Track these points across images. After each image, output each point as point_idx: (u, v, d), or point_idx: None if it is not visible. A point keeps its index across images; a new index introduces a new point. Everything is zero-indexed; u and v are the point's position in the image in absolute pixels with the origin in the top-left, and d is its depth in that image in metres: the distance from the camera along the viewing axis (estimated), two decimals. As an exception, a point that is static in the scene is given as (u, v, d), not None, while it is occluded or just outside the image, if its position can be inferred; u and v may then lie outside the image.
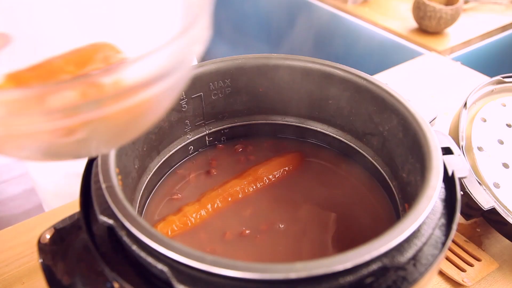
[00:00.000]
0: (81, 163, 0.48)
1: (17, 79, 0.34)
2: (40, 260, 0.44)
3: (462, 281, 0.65)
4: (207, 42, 0.36)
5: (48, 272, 0.44)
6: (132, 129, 0.36)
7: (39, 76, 0.35)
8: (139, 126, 0.36)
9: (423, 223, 0.41)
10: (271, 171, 0.61)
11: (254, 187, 0.59)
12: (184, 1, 0.40)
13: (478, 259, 0.69)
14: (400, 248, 0.39)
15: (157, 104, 0.34)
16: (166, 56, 0.30)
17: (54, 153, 0.34)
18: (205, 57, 0.52)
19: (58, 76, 0.35)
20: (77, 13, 0.44)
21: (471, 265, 0.68)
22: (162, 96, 0.33)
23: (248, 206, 0.58)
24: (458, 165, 0.49)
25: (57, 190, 1.01)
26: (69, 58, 0.37)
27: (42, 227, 0.75)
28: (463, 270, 0.67)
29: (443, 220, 0.44)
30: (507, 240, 0.68)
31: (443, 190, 0.47)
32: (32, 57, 0.37)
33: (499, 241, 0.72)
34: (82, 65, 0.36)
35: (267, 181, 0.60)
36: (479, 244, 0.71)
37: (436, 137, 0.48)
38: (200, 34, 0.34)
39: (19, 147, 0.31)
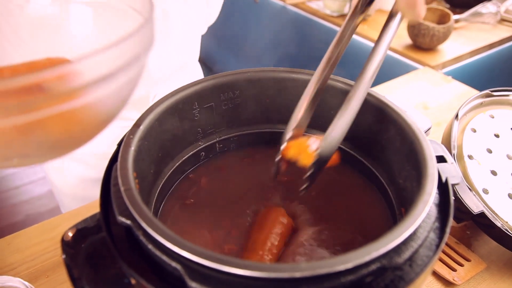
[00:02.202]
0: (98, 170, 0.48)
1: None
2: (63, 256, 0.44)
3: (453, 280, 0.65)
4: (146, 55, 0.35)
5: (70, 267, 0.43)
6: (68, 141, 0.35)
7: None
8: (75, 139, 0.35)
9: (419, 226, 0.41)
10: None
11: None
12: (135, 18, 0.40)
13: (467, 260, 0.68)
14: (397, 249, 0.39)
15: (100, 110, 0.33)
16: (110, 57, 0.29)
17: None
18: (217, 70, 0.52)
19: None
20: (36, 26, 0.43)
21: (461, 265, 0.67)
22: (105, 101, 0.32)
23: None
24: (451, 173, 0.49)
25: (73, 194, 1.01)
26: (20, 69, 0.36)
27: (65, 225, 0.76)
28: (453, 270, 0.67)
29: (437, 224, 0.44)
30: (494, 242, 0.68)
31: (437, 195, 0.47)
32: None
33: (487, 243, 0.72)
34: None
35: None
36: (468, 245, 0.71)
37: (431, 146, 0.48)
38: (143, 40, 0.33)
39: None
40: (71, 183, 0.99)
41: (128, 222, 0.40)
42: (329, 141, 0.49)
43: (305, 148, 0.52)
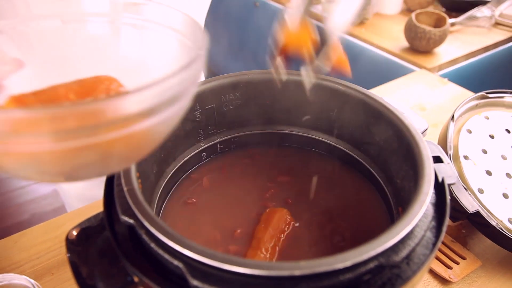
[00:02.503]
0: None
1: (20, 101, 0.33)
2: (68, 255, 0.44)
3: (449, 277, 0.65)
4: (199, 83, 0.35)
5: (75, 266, 0.43)
6: (124, 158, 0.35)
7: (41, 100, 0.34)
8: (132, 156, 0.35)
9: (416, 225, 0.40)
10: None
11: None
12: (184, 44, 0.40)
13: (463, 258, 0.68)
14: (395, 248, 0.38)
15: (150, 137, 0.33)
16: (163, 90, 0.29)
17: (48, 173, 0.33)
18: (218, 72, 0.52)
19: (59, 102, 0.34)
20: (86, 46, 0.44)
21: (457, 263, 0.67)
22: (156, 129, 0.32)
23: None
24: (447, 173, 0.48)
25: (80, 194, 1.00)
26: (72, 87, 0.36)
27: (69, 224, 0.75)
28: (449, 268, 0.66)
29: (433, 223, 0.44)
30: (489, 240, 0.68)
31: (433, 195, 0.46)
32: (39, 83, 0.36)
33: (482, 241, 0.72)
34: (84, 94, 0.35)
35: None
36: (464, 244, 0.71)
37: (427, 147, 0.48)
38: (195, 74, 0.33)
39: (18, 166, 0.31)
40: (77, 185, 0.99)
41: (131, 221, 0.40)
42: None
43: (306, 33, 0.47)
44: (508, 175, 0.68)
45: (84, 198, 0.98)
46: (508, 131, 0.73)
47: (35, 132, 0.26)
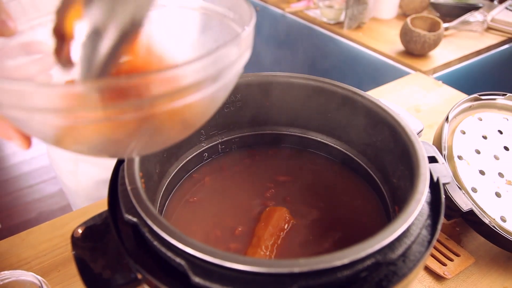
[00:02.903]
0: (111, 171, 0.48)
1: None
2: (73, 252, 0.44)
3: (443, 274, 0.65)
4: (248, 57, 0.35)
5: (80, 263, 0.43)
6: (178, 131, 0.35)
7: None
8: (184, 129, 0.36)
9: (412, 224, 0.40)
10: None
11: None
12: (229, 22, 0.40)
13: (457, 255, 0.68)
14: (391, 246, 0.38)
15: (200, 110, 0.33)
16: (213, 61, 0.29)
17: (110, 149, 0.33)
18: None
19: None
20: None
21: (451, 259, 0.67)
22: (206, 102, 0.33)
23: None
24: (442, 172, 0.48)
25: (87, 194, 1.00)
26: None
27: (75, 222, 0.75)
28: (444, 264, 0.66)
29: (429, 221, 0.43)
30: (482, 238, 0.68)
31: (429, 194, 0.46)
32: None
33: (475, 238, 0.72)
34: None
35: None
36: (458, 241, 0.71)
37: (423, 148, 0.47)
38: (244, 46, 0.34)
39: (77, 139, 0.31)
40: (85, 184, 0.99)
41: (135, 219, 0.40)
42: None
43: None
44: (500, 174, 0.68)
45: (91, 198, 0.97)
46: (501, 132, 0.73)
47: (96, 105, 0.26)
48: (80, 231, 0.45)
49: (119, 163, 0.49)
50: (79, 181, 0.99)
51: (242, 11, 0.38)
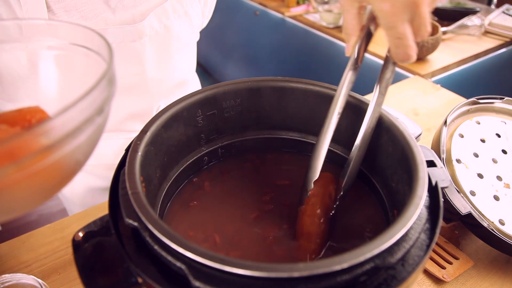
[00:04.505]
0: (106, 179, 0.47)
1: None
2: (74, 255, 0.44)
3: (442, 277, 0.65)
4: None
5: (81, 267, 0.43)
6: (43, 191, 0.33)
7: None
8: (53, 185, 0.34)
9: (411, 228, 0.40)
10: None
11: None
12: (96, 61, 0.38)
13: (456, 258, 0.68)
14: (390, 250, 0.38)
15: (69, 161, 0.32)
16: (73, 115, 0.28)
17: None
18: (219, 79, 0.51)
19: None
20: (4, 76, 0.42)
21: (450, 263, 0.67)
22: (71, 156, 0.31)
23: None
24: (440, 176, 0.48)
25: (82, 203, 0.99)
26: None
27: (75, 225, 0.75)
28: (443, 267, 0.66)
29: (427, 225, 0.43)
30: (481, 241, 0.68)
31: (427, 198, 0.46)
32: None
33: (474, 242, 0.72)
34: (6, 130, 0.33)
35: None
36: (457, 244, 0.71)
37: (421, 152, 0.47)
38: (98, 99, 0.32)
39: None
40: (80, 193, 0.98)
41: (135, 224, 0.40)
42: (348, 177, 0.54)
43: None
44: (498, 178, 0.68)
45: (86, 205, 0.97)
46: (499, 136, 0.73)
47: None
48: (81, 234, 0.45)
49: (120, 167, 0.49)
50: (74, 189, 0.98)
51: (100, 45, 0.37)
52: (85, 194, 0.98)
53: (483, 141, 0.72)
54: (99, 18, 0.74)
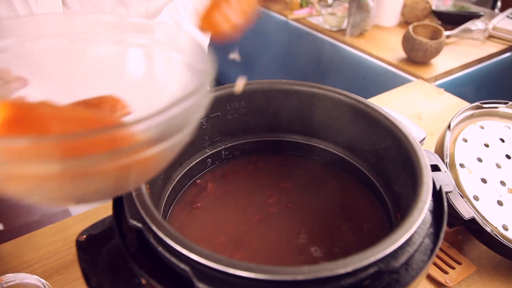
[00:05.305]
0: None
1: (19, 121, 0.31)
2: (78, 256, 0.44)
3: (445, 282, 0.65)
4: (206, 109, 0.35)
5: (84, 267, 0.43)
6: (130, 183, 0.34)
7: (45, 122, 0.31)
8: (137, 180, 0.35)
9: (415, 232, 0.40)
10: None
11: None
12: (190, 67, 0.39)
13: (459, 263, 0.68)
14: (394, 254, 0.38)
15: (155, 162, 0.33)
16: (171, 116, 0.29)
17: (56, 198, 0.32)
18: (223, 81, 0.51)
19: (65, 126, 0.32)
20: (93, 65, 0.43)
21: (453, 268, 0.67)
22: (161, 156, 0.32)
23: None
24: (444, 181, 0.48)
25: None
26: (76, 109, 0.35)
27: (78, 226, 0.75)
28: (445, 272, 0.66)
29: (431, 230, 0.43)
30: (484, 246, 0.68)
31: (431, 203, 0.46)
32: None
33: (477, 247, 0.71)
34: (89, 120, 0.33)
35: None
36: (460, 249, 0.70)
37: (426, 156, 0.47)
38: (202, 100, 0.33)
39: (25, 192, 0.30)
40: None
41: (139, 225, 0.40)
42: None
43: None
44: (502, 183, 0.68)
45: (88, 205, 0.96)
46: (502, 140, 0.73)
47: (41, 160, 0.26)
48: (84, 236, 0.45)
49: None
50: None
51: (202, 61, 0.37)
52: None
53: (487, 145, 0.72)
54: (113, 13, 0.74)
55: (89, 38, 0.41)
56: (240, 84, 0.50)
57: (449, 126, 0.71)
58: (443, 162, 0.67)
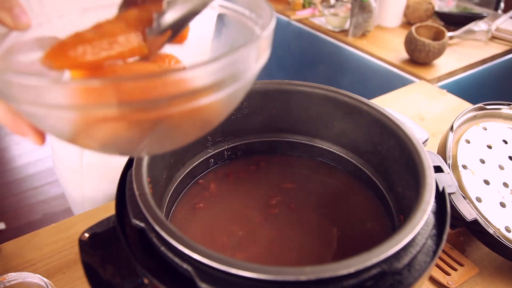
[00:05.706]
0: (115, 183, 0.47)
1: (81, 38, 0.31)
2: (80, 256, 0.44)
3: (447, 283, 0.64)
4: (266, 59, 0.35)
5: (87, 266, 0.43)
6: (190, 133, 0.35)
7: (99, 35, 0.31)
8: (197, 130, 0.35)
9: (418, 233, 0.40)
10: None
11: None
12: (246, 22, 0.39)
13: (461, 264, 0.68)
14: (397, 255, 0.38)
15: (216, 111, 0.33)
16: (231, 63, 0.29)
17: (123, 144, 0.32)
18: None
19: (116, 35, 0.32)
20: None
21: (455, 269, 0.67)
22: (222, 103, 0.32)
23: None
24: (447, 182, 0.48)
25: (83, 201, 0.99)
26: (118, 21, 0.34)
27: (80, 225, 0.75)
28: (448, 274, 0.66)
29: (434, 231, 0.43)
30: (486, 248, 0.67)
31: (434, 204, 0.46)
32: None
33: (480, 248, 0.71)
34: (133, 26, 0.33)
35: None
36: (462, 251, 0.70)
37: (428, 157, 0.47)
38: (262, 48, 0.33)
39: (90, 136, 0.30)
40: (90, 196, 0.98)
41: (142, 224, 0.40)
42: None
43: None
44: (505, 184, 0.68)
45: (89, 205, 0.96)
46: (505, 142, 0.73)
47: (102, 103, 0.26)
48: (87, 235, 0.45)
49: (127, 167, 0.49)
50: (85, 194, 0.98)
51: (261, 11, 0.37)
52: (97, 200, 0.97)
53: (489, 147, 0.72)
54: None
55: None
56: None
57: (451, 127, 0.71)
58: (446, 163, 0.67)
